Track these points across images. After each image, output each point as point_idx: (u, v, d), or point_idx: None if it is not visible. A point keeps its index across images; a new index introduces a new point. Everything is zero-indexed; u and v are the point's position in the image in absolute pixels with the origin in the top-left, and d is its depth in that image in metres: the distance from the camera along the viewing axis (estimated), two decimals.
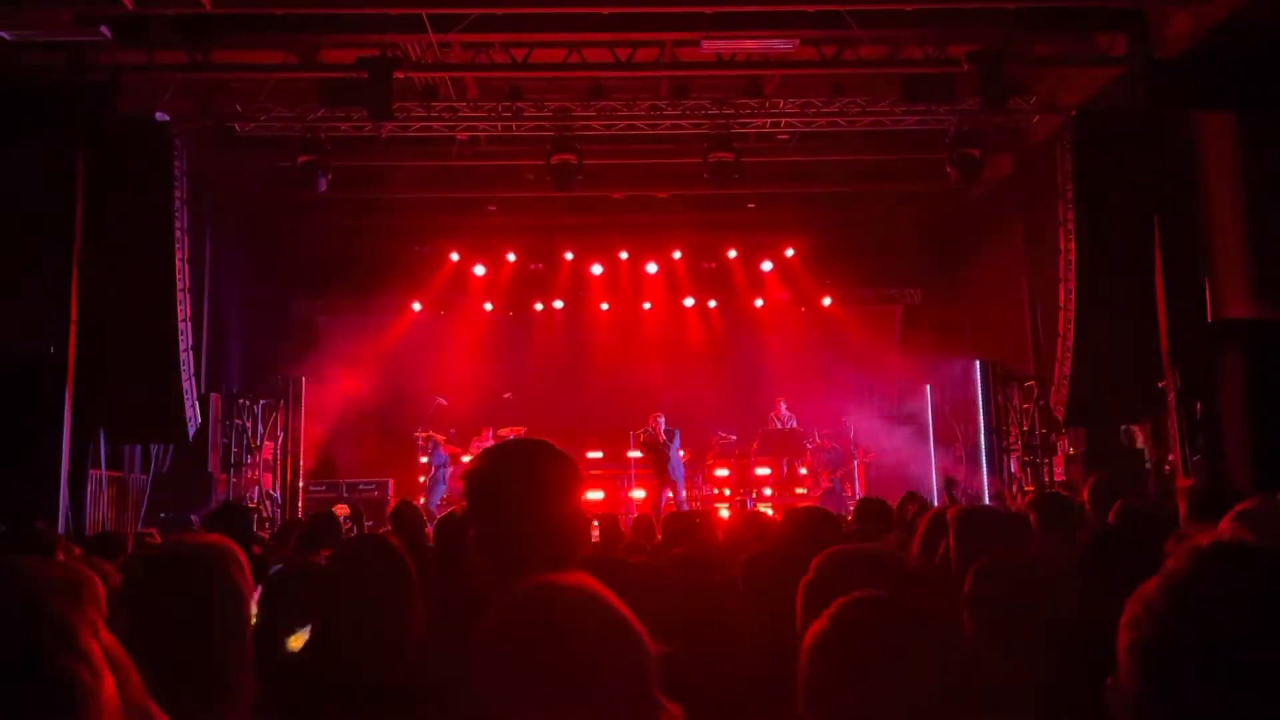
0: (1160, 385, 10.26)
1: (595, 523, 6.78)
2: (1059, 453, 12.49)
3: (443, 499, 14.10)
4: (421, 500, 13.58)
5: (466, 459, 14.70)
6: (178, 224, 10.63)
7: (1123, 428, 11.20)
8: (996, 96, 10.59)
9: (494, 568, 1.75)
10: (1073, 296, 10.86)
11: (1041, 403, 12.58)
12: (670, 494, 13.74)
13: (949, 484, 8.70)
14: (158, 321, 10.43)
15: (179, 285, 10.63)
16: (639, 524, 7.39)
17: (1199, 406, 9.79)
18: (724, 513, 13.08)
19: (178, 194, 10.64)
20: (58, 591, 1.03)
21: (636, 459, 14.80)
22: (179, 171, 10.68)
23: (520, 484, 1.78)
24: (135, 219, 10.29)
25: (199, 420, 11.14)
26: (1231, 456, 9.34)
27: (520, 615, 1.31)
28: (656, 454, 13.82)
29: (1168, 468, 10.23)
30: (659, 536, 6.29)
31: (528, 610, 1.31)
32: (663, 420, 14.02)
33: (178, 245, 10.62)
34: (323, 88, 10.90)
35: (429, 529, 6.13)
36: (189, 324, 10.93)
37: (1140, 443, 11.11)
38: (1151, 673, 1.29)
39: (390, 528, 5.71)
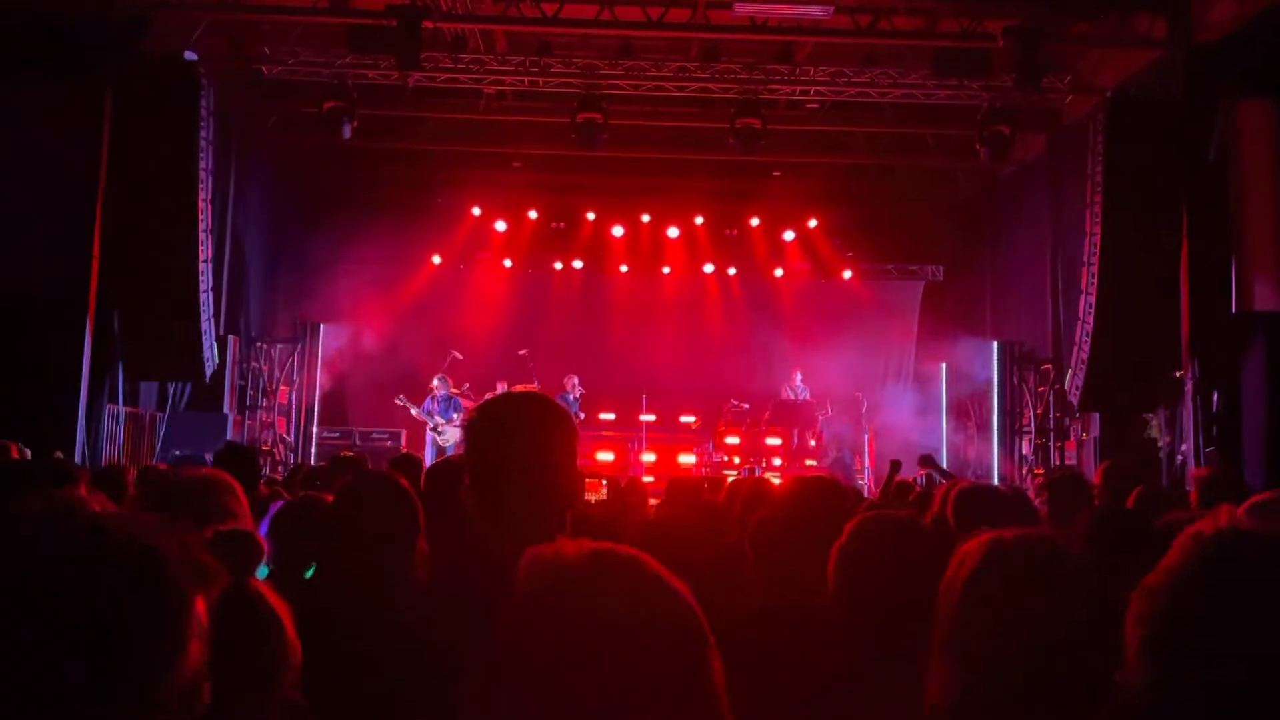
0: (1178, 374, 10.19)
1: (604, 482, 6.83)
2: (1072, 437, 12.46)
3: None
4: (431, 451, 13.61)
5: None
6: (202, 164, 10.65)
7: (1143, 416, 11.13)
8: (1031, 74, 10.44)
9: (484, 516, 1.76)
10: (1095, 281, 10.77)
11: (1057, 386, 12.52)
12: None
13: (926, 461, 8.62)
14: (179, 261, 10.49)
15: (201, 226, 10.66)
16: (632, 485, 7.44)
17: (1216, 398, 9.72)
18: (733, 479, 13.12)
19: (203, 134, 10.65)
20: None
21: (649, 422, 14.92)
22: (205, 112, 10.68)
23: (518, 435, 1.79)
24: (160, 157, 10.31)
25: (216, 361, 11.23)
26: (1249, 450, 9.29)
27: (565, 582, 1.05)
28: None
29: (1180, 457, 10.19)
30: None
31: (576, 582, 1.05)
32: (573, 381, 14.11)
33: (201, 186, 10.65)
34: (351, 34, 10.85)
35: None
36: (210, 265, 10.98)
37: (1154, 431, 11.06)
38: (1158, 668, 1.26)
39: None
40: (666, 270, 16.56)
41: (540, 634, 1.03)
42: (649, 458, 14.88)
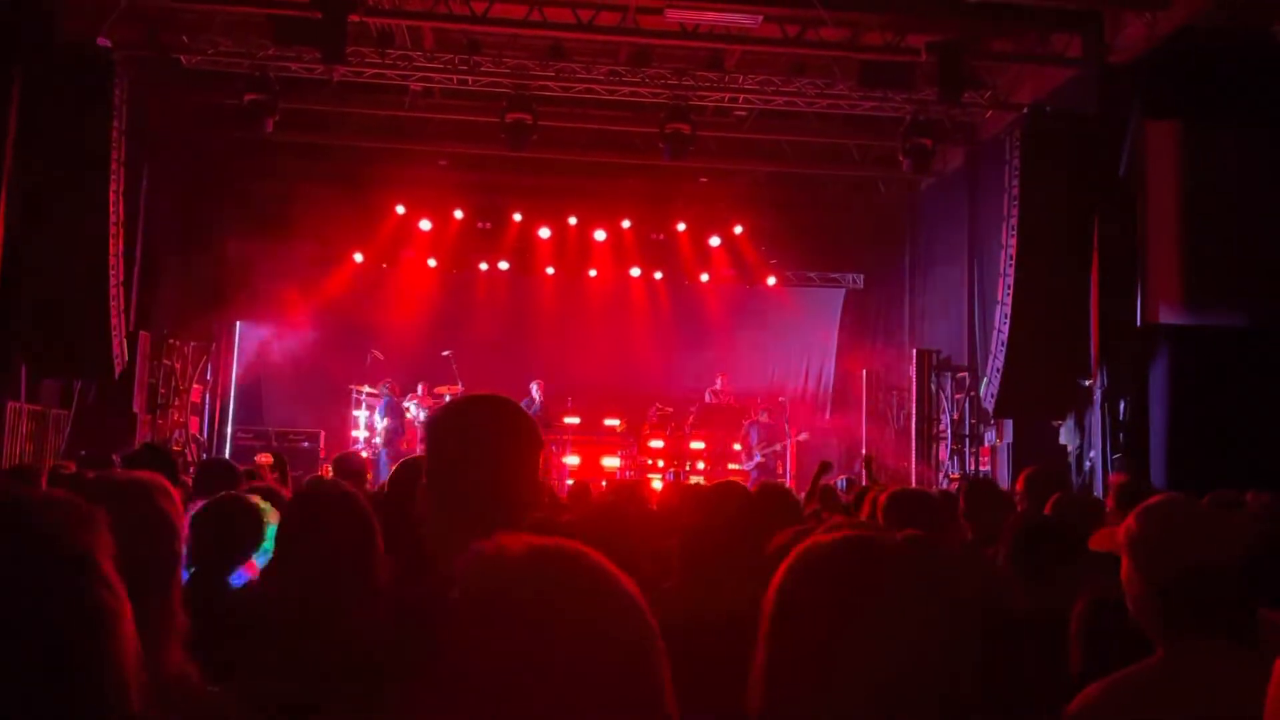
0: (1087, 383, 10.54)
1: None
2: (986, 443, 12.78)
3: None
4: (366, 454, 13.37)
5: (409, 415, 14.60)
6: (114, 155, 10.27)
7: (1053, 423, 11.47)
8: (952, 88, 10.71)
9: (437, 518, 1.73)
10: (1011, 292, 11.06)
11: (973, 393, 12.84)
12: None
13: (868, 461, 8.83)
14: (88, 254, 10.10)
15: (112, 218, 10.29)
16: (575, 490, 7.42)
17: (1123, 406, 10.09)
18: (657, 484, 13.17)
19: (116, 124, 10.27)
20: (72, 518, 0.99)
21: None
22: (119, 101, 10.30)
23: (479, 439, 1.77)
24: (71, 146, 9.92)
25: (126, 358, 10.85)
26: (1153, 455, 9.66)
27: (506, 583, 1.00)
28: None
29: (1089, 463, 10.53)
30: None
31: (518, 578, 1.00)
32: (538, 386, 14.33)
33: (113, 177, 10.27)
34: (275, 25, 10.60)
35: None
36: (121, 259, 10.60)
37: (1064, 438, 11.41)
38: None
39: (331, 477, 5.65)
40: (593, 273, 16.54)
41: (481, 643, 0.97)
42: (573, 460, 14.83)
